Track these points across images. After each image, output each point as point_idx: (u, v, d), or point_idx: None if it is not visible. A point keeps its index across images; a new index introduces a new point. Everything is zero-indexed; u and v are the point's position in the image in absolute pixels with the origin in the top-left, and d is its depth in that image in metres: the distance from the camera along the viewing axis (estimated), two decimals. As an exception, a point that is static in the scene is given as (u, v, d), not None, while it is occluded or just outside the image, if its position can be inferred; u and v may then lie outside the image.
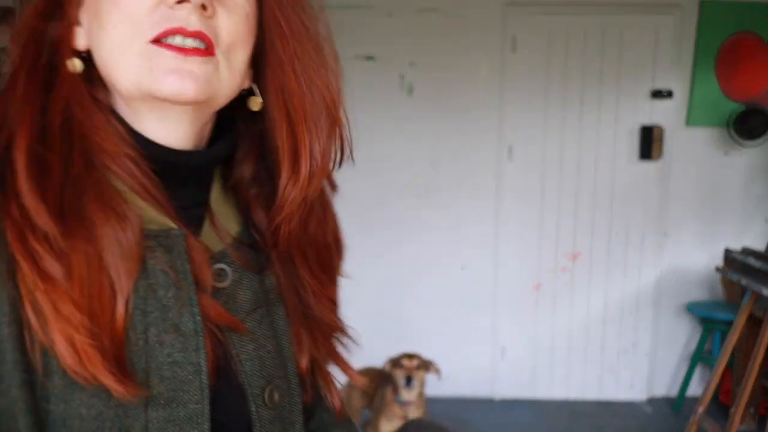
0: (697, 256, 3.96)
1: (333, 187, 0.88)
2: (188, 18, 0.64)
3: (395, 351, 3.96)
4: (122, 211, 0.65)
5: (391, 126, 3.81)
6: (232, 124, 0.79)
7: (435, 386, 3.99)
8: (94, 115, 0.68)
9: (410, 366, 2.88)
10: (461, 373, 3.99)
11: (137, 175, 0.68)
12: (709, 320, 3.76)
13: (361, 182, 3.87)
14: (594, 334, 3.97)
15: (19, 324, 0.61)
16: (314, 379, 0.84)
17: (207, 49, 0.66)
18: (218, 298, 0.72)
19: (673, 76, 3.81)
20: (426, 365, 2.94)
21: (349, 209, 4.11)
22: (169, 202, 0.70)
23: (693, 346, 4.00)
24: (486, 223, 3.91)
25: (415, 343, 3.95)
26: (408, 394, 2.88)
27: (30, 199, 0.62)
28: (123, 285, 0.64)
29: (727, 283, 3.49)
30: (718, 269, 3.41)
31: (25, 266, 0.61)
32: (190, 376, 0.67)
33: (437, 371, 2.97)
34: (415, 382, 2.86)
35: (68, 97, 0.67)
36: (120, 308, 0.63)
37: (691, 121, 3.85)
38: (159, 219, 0.69)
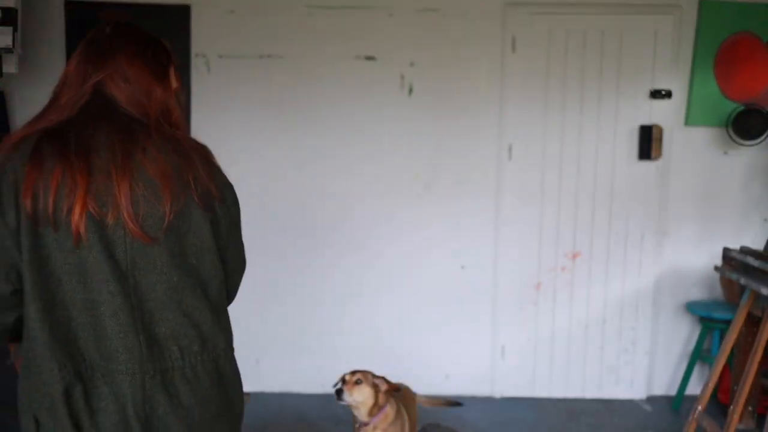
0: (696, 256, 3.98)
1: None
2: None
3: (396, 350, 3.98)
4: None
5: (391, 126, 3.83)
6: None
7: (436, 385, 4.01)
8: None
9: (348, 380, 2.64)
10: (461, 371, 4.00)
11: None
12: (708, 319, 3.78)
13: (361, 181, 3.89)
14: (594, 333, 3.99)
15: None
16: None
17: None
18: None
19: (672, 76, 3.82)
20: (369, 382, 2.64)
21: (350, 208, 4.13)
22: None
23: (692, 345, 4.02)
24: (486, 222, 3.92)
25: (415, 342, 3.97)
26: (358, 412, 2.67)
27: None
28: None
29: (725, 283, 3.50)
30: (716, 268, 3.42)
31: None
32: None
33: (378, 389, 2.66)
34: (347, 397, 2.60)
35: None
36: None
37: (690, 121, 3.87)
38: None
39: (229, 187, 1.50)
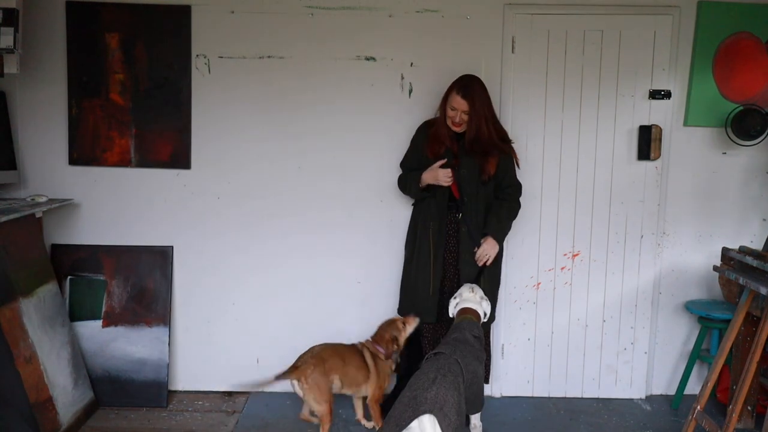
0: (695, 255, 3.99)
1: None
2: None
3: (395, 349, 3.95)
4: None
5: (391, 126, 3.83)
6: None
7: (435, 384, 4.00)
8: None
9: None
10: (461, 371, 4.01)
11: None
12: (707, 319, 3.79)
13: (362, 181, 3.89)
14: (593, 333, 4.00)
15: None
16: None
17: None
18: None
19: (671, 77, 3.83)
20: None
21: (350, 208, 4.12)
22: None
23: (691, 344, 4.03)
24: (486, 222, 3.93)
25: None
26: None
27: None
28: None
29: (724, 282, 3.51)
30: (715, 268, 3.43)
31: None
32: None
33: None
34: None
35: None
36: None
37: (689, 121, 3.88)
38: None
39: None
